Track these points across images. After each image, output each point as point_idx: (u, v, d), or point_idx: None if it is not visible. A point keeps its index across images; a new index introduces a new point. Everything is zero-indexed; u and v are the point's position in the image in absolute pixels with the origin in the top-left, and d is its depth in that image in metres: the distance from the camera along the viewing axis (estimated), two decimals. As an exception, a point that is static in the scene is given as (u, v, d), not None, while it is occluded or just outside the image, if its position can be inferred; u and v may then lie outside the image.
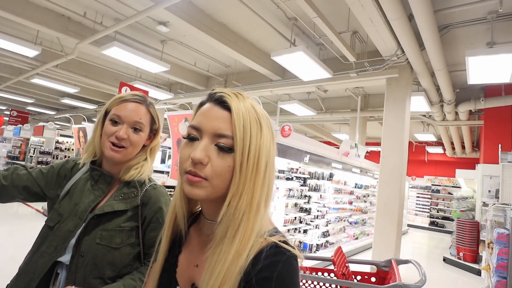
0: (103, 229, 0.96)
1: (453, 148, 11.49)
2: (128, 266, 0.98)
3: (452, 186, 12.52)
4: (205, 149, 0.55)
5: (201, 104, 0.62)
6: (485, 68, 3.83)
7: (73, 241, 0.94)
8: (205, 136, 0.57)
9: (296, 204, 5.06)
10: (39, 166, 1.07)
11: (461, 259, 6.30)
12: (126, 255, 0.98)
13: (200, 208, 0.69)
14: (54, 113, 15.45)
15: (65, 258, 0.93)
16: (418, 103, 5.74)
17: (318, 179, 5.69)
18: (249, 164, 0.55)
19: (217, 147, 0.56)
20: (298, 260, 0.55)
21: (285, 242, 0.56)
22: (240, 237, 0.53)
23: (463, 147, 10.94)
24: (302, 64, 4.44)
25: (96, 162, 1.07)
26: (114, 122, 0.99)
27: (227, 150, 0.55)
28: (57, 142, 9.02)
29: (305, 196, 5.27)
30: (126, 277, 0.96)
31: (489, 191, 6.15)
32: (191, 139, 0.58)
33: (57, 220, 0.97)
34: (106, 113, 1.04)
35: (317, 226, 5.54)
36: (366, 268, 3.56)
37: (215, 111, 0.58)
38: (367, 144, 10.60)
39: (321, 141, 6.77)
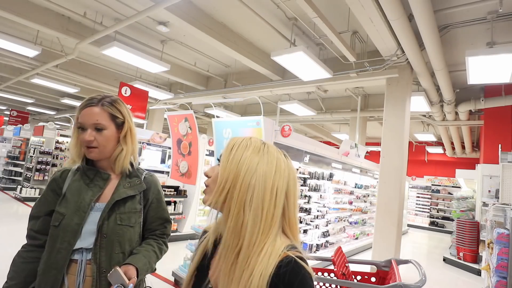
0: (119, 212, 1.14)
1: (453, 148, 11.48)
2: (136, 242, 1.20)
3: (452, 186, 12.50)
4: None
5: None
6: (485, 68, 3.83)
7: (90, 227, 1.10)
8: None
9: (296, 204, 5.04)
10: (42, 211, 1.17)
11: (461, 259, 6.30)
12: (137, 232, 1.20)
13: None
14: (54, 113, 15.45)
15: (87, 243, 1.09)
16: (418, 103, 5.74)
17: (318, 179, 5.68)
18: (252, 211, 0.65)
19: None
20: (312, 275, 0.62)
21: (301, 258, 0.62)
22: (253, 259, 0.61)
23: (463, 147, 10.94)
24: (302, 64, 4.44)
25: (88, 162, 1.21)
26: (82, 129, 1.13)
27: None
28: (57, 142, 8.99)
29: (305, 196, 5.27)
30: (141, 249, 1.17)
31: (489, 191, 6.14)
32: None
33: (60, 219, 1.09)
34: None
35: (317, 226, 5.53)
36: (366, 268, 3.56)
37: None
38: (367, 144, 10.60)
39: (321, 141, 6.75)
